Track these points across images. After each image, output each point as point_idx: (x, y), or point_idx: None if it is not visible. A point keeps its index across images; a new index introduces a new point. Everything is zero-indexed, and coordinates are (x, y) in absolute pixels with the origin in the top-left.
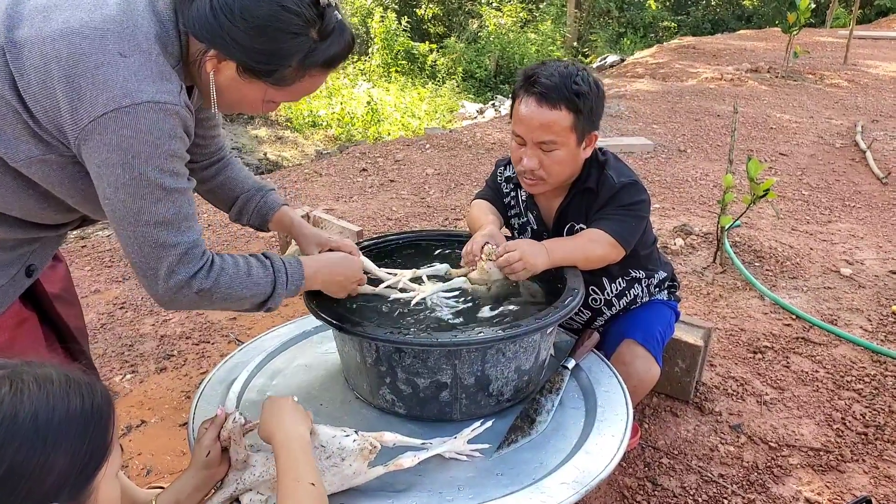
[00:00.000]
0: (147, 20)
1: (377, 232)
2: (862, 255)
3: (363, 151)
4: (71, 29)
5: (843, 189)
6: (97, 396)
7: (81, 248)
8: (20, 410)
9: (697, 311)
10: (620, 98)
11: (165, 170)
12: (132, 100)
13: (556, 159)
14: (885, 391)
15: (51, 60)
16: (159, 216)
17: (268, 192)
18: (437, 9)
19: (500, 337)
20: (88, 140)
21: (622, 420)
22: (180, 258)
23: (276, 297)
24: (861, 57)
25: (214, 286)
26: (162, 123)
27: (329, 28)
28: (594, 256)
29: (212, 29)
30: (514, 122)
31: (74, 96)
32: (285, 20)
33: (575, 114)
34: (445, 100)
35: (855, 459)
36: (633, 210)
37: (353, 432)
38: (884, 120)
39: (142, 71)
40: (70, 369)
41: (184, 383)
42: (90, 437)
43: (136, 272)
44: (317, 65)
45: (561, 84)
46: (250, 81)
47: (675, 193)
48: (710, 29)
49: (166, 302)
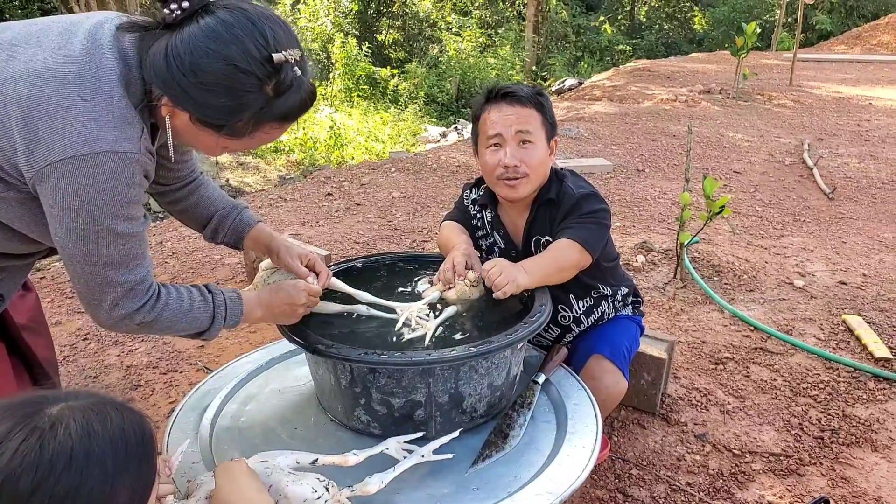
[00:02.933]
0: (111, 60)
1: (345, 256)
2: (813, 268)
3: (328, 176)
4: (32, 71)
5: (794, 204)
6: (145, 424)
7: (40, 279)
8: (91, 448)
9: (660, 324)
10: (580, 120)
11: (120, 216)
12: (90, 148)
13: (534, 155)
14: (838, 397)
15: (10, 102)
16: (109, 258)
17: (242, 209)
18: (398, 34)
19: (473, 353)
20: (44, 182)
21: (592, 432)
22: (125, 294)
23: (212, 331)
24: (805, 78)
25: (156, 320)
26: (120, 173)
27: (285, 84)
28: (567, 264)
29: (165, 78)
30: (486, 129)
31: (31, 138)
32: (236, 79)
33: (541, 112)
34: (408, 123)
35: (813, 463)
36: (595, 217)
37: (325, 490)
38: (828, 138)
39: (103, 116)
40: (110, 399)
41: (152, 413)
42: (145, 465)
43: (79, 298)
44: (271, 119)
45: (525, 89)
46: (203, 130)
47: (634, 212)
48: (663, 52)
49: (107, 327)
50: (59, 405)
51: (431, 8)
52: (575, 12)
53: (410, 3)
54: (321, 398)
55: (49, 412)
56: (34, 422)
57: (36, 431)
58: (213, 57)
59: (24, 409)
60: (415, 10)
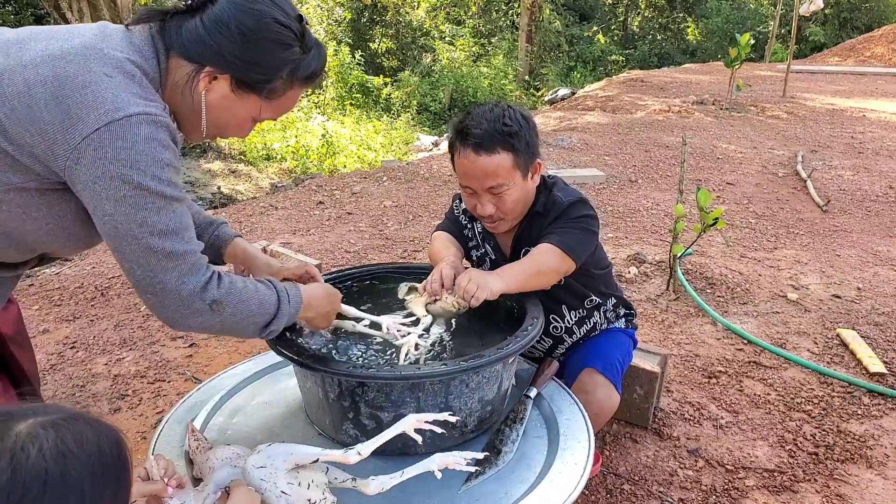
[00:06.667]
0: (124, 51)
1: (335, 265)
2: (807, 280)
3: (319, 184)
4: (52, 54)
5: (787, 217)
6: (121, 440)
7: (29, 286)
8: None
9: (653, 337)
10: (572, 130)
11: (163, 179)
12: (124, 112)
13: (509, 199)
14: (832, 412)
15: (35, 84)
16: (163, 226)
17: (219, 224)
18: (391, 43)
19: (463, 368)
20: (82, 158)
21: (584, 448)
22: (190, 267)
23: (279, 318)
24: (798, 90)
25: (226, 299)
26: (155, 134)
27: (310, 44)
28: (545, 269)
29: (207, 46)
30: (459, 175)
31: (63, 117)
32: (280, 33)
33: (513, 153)
34: (401, 132)
35: (807, 479)
36: (579, 222)
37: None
38: (822, 150)
39: (129, 88)
40: (82, 413)
41: (139, 423)
42: (122, 484)
43: (141, 292)
44: (301, 78)
45: (491, 129)
46: (243, 97)
47: (627, 223)
48: (656, 62)
49: (178, 319)
50: (28, 421)
51: (425, 17)
52: (568, 22)
53: (404, 12)
54: (309, 412)
55: (18, 430)
56: (4, 442)
57: (6, 453)
58: (257, 16)
59: None
60: (408, 19)
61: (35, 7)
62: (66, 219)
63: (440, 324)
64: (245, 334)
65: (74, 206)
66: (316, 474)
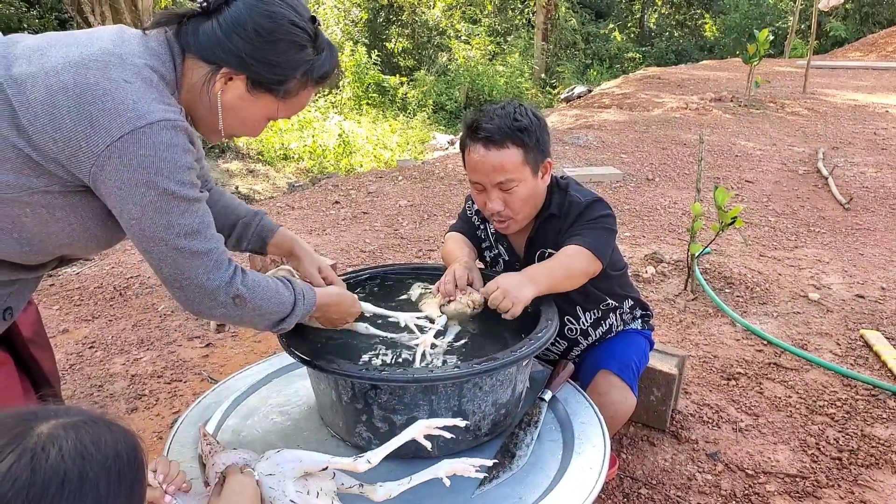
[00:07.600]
0: (142, 56)
1: (351, 265)
2: (829, 280)
3: (336, 184)
4: (72, 61)
5: (808, 215)
6: (137, 444)
7: (49, 286)
8: (85, 471)
9: (670, 338)
10: (588, 128)
11: (185, 182)
12: (146, 120)
13: (518, 196)
14: (856, 415)
15: (57, 92)
16: (188, 227)
17: (262, 215)
18: (407, 42)
19: (477, 371)
20: (106, 165)
21: (600, 451)
22: (214, 263)
23: (292, 317)
24: (819, 86)
25: (249, 294)
26: (176, 139)
27: (322, 44)
28: (576, 271)
29: (224, 47)
30: (468, 170)
31: (86, 125)
32: (295, 34)
33: (523, 148)
34: (417, 131)
35: (830, 485)
36: (601, 223)
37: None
38: (843, 147)
39: (148, 94)
40: (101, 416)
41: (156, 423)
42: (137, 486)
43: (169, 286)
44: (315, 78)
45: (502, 124)
46: (259, 97)
47: (644, 222)
48: (673, 59)
49: (203, 310)
50: (50, 422)
51: (441, 16)
52: (584, 20)
53: (420, 12)
54: (322, 414)
55: (40, 430)
56: (26, 442)
57: (27, 452)
58: (273, 17)
59: (14, 427)
60: (424, 19)
61: (59, 11)
62: (89, 220)
63: (454, 325)
64: (259, 327)
65: (97, 208)
66: (324, 482)
